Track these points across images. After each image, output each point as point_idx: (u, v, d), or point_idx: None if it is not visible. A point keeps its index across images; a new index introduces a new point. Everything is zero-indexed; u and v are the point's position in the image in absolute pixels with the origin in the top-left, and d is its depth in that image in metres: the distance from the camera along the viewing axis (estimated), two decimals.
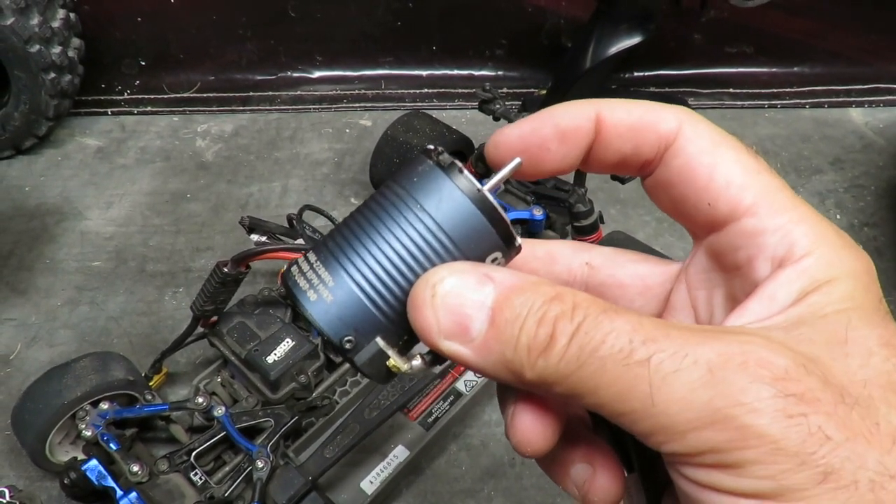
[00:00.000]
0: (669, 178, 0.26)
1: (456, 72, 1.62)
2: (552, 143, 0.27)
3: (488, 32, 1.58)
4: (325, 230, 1.01)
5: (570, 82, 1.36)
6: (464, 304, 0.23)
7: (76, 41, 1.40)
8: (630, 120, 0.26)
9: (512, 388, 0.26)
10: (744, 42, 1.59)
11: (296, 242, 0.93)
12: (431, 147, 0.26)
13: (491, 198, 0.25)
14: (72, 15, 1.38)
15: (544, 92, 1.56)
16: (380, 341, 0.25)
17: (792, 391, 0.20)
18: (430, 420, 0.92)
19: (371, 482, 0.87)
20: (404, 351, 0.26)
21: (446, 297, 0.23)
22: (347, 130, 1.50)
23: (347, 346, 0.25)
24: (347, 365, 0.94)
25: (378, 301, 0.24)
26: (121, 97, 1.56)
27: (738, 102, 1.59)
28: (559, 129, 0.26)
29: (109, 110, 1.54)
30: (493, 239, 0.25)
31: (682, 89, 1.60)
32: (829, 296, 0.23)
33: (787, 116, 1.55)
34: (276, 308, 0.93)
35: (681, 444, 0.21)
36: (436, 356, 0.25)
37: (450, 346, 0.23)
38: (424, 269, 0.24)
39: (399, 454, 0.89)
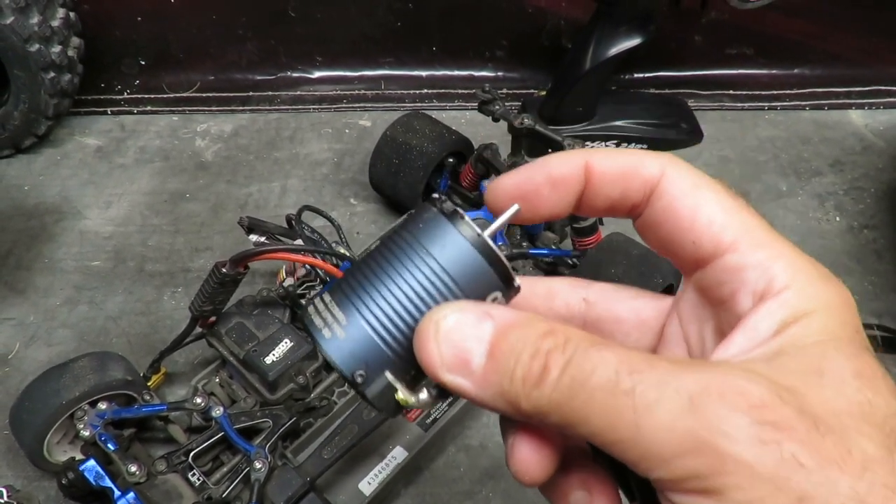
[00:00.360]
0: (655, 219, 0.28)
1: (456, 72, 1.62)
2: (545, 190, 0.29)
3: (489, 33, 1.58)
4: (324, 231, 1.01)
5: (569, 84, 1.36)
6: (465, 338, 0.25)
7: (76, 40, 1.40)
8: (616, 167, 0.28)
9: (512, 420, 0.27)
10: (744, 44, 1.59)
11: (294, 243, 0.93)
12: (436, 196, 0.29)
13: (490, 243, 0.27)
14: (71, 14, 1.38)
15: (544, 93, 1.56)
16: (389, 375, 0.27)
17: (767, 419, 0.21)
18: (428, 421, 0.92)
19: (369, 483, 0.87)
20: (412, 385, 0.27)
21: (449, 332, 0.25)
22: (347, 131, 1.50)
23: (359, 380, 0.27)
24: None
25: (387, 338, 0.26)
26: (120, 97, 1.56)
27: (739, 104, 1.59)
28: (551, 177, 0.29)
29: (109, 110, 1.54)
30: (493, 280, 0.27)
31: (682, 91, 1.60)
32: (808, 328, 0.24)
33: (787, 118, 1.55)
34: (274, 309, 0.93)
35: (666, 470, 0.21)
36: (441, 390, 0.27)
37: (452, 379, 0.25)
38: (429, 308, 0.26)
39: (397, 455, 0.89)
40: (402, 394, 0.27)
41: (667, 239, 0.28)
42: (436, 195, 0.29)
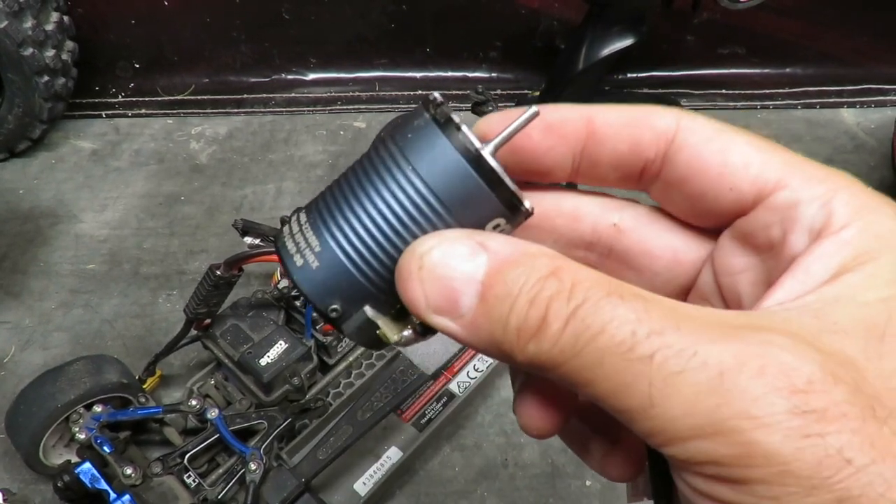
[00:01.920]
0: (679, 175, 0.25)
1: (450, 74, 1.63)
2: (537, 134, 0.25)
3: (482, 34, 1.59)
4: None
5: (563, 84, 1.36)
6: (452, 276, 0.21)
7: (70, 44, 1.40)
8: (622, 118, 0.25)
9: (520, 373, 0.25)
10: (736, 43, 1.59)
11: None
12: (433, 97, 0.23)
13: (489, 158, 0.22)
14: (65, 18, 1.38)
15: (538, 93, 1.56)
16: (368, 310, 0.23)
17: (812, 406, 0.18)
18: (423, 421, 0.93)
19: (364, 483, 0.87)
20: (397, 319, 0.24)
21: (434, 268, 0.21)
22: (342, 132, 1.50)
23: (333, 314, 0.23)
24: (341, 367, 0.94)
25: (365, 269, 0.23)
26: (115, 100, 1.56)
27: (731, 103, 1.60)
28: (545, 120, 0.24)
29: (104, 113, 1.54)
30: (493, 204, 0.23)
31: (674, 90, 1.61)
32: (871, 276, 0.20)
33: (780, 117, 1.56)
34: (269, 310, 0.93)
35: (680, 449, 0.19)
36: (427, 327, 0.23)
37: (438, 321, 0.22)
38: (414, 237, 0.22)
39: (392, 455, 0.90)
40: (384, 330, 0.23)
41: (696, 195, 0.25)
42: (435, 94, 0.23)
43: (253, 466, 0.79)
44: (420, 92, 1.61)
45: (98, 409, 0.86)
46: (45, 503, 0.90)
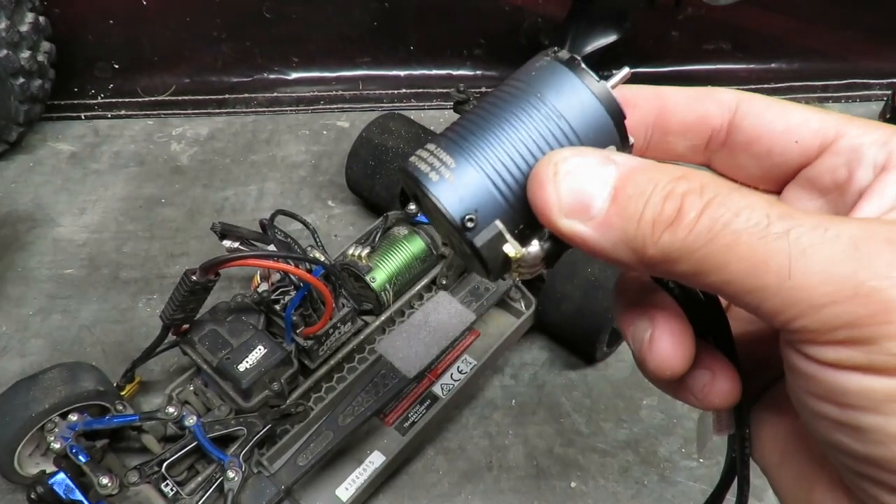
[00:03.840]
0: (746, 137, 0.28)
1: (434, 72, 1.61)
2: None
3: (466, 32, 1.57)
4: (297, 235, 1.00)
5: None
6: (586, 181, 0.23)
7: (46, 45, 1.37)
8: (689, 94, 0.29)
9: (648, 312, 0.27)
10: (721, 39, 1.59)
11: (268, 249, 0.92)
12: (547, 48, 0.27)
13: (614, 95, 0.26)
14: (41, 18, 1.36)
15: None
16: (499, 224, 0.25)
17: None
18: (406, 425, 0.92)
19: (346, 489, 0.86)
20: (521, 239, 0.26)
21: (568, 174, 0.23)
22: (325, 132, 1.49)
23: (469, 224, 0.24)
24: (322, 371, 0.93)
25: (499, 183, 0.25)
26: (94, 101, 1.54)
27: None
28: (624, 96, 0.28)
29: (82, 115, 1.52)
30: (612, 133, 0.25)
31: (660, 87, 1.60)
32: None
33: None
34: (248, 315, 0.92)
35: (813, 318, 0.20)
36: (554, 243, 0.26)
37: (569, 225, 0.23)
38: (545, 154, 0.25)
39: (375, 460, 0.89)
40: (511, 245, 0.25)
41: (764, 152, 0.28)
42: (554, 47, 0.27)
43: (231, 474, 0.78)
44: (405, 90, 1.60)
45: (73, 417, 0.84)
46: None
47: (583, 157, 0.24)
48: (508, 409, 1.01)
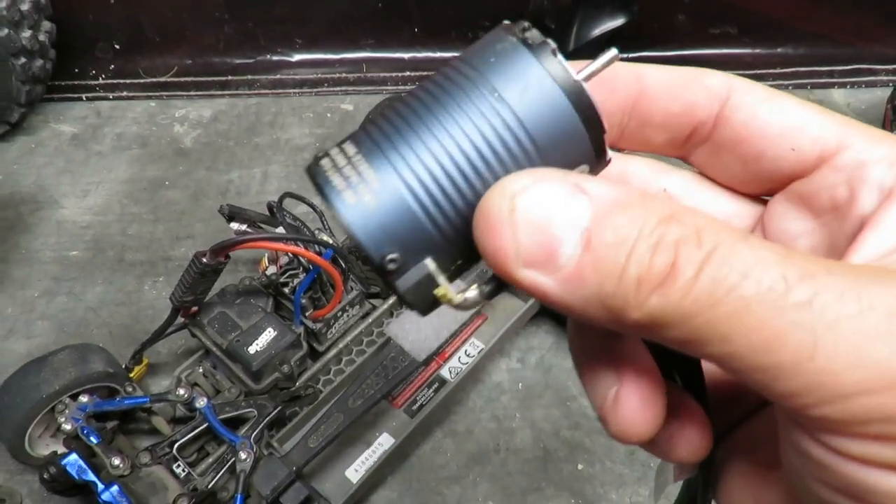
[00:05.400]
0: (734, 135, 0.24)
1: (438, 54, 1.60)
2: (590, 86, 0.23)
3: (470, 13, 1.56)
4: (306, 217, 0.99)
5: None
6: (551, 220, 0.18)
7: (47, 24, 1.36)
8: (672, 77, 0.24)
9: (613, 363, 0.22)
10: (727, 23, 1.58)
11: (276, 231, 0.92)
12: (513, 23, 0.20)
13: (590, 91, 0.19)
14: None
15: None
16: (430, 264, 0.20)
17: None
18: (414, 407, 0.92)
19: (356, 470, 0.87)
20: (454, 278, 0.20)
21: (528, 211, 0.18)
22: (329, 115, 1.48)
23: (390, 266, 0.19)
24: (331, 354, 0.93)
25: (433, 211, 0.19)
26: (95, 82, 1.52)
27: None
28: (599, 78, 0.23)
29: (84, 96, 1.50)
30: (585, 145, 0.20)
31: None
32: None
33: None
34: (257, 297, 0.92)
35: (839, 408, 0.16)
36: (497, 286, 0.20)
37: (529, 276, 0.18)
38: (496, 177, 0.19)
39: (384, 442, 0.89)
40: (444, 289, 0.20)
41: (753, 155, 0.24)
42: (511, 22, 0.21)
43: (243, 455, 0.78)
44: (409, 73, 1.58)
45: (84, 398, 0.84)
46: (32, 494, 0.89)
47: (547, 186, 0.18)
48: (515, 392, 1.01)
